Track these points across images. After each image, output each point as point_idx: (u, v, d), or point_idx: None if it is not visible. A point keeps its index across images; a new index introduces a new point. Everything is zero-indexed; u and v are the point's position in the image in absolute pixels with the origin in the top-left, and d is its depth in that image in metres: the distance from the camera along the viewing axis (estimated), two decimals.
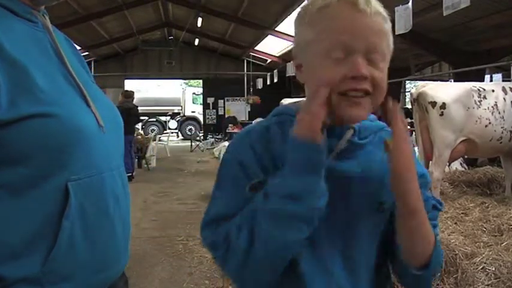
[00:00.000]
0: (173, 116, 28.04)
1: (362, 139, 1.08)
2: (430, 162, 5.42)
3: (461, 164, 7.22)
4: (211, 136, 21.51)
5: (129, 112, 10.14)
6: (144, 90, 26.65)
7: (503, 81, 15.74)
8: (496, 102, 5.40)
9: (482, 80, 10.54)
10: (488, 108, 5.34)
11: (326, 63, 0.98)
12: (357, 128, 1.07)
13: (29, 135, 1.07)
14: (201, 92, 25.56)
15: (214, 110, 23.47)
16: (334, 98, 0.97)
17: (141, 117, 24.44)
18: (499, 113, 5.36)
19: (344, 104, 0.97)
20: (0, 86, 1.04)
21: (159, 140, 16.73)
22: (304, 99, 1.07)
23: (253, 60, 21.43)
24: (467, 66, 9.10)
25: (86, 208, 1.15)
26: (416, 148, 6.02)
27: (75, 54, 1.40)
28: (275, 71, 18.53)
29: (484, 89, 5.49)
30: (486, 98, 5.39)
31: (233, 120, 20.43)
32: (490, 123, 5.32)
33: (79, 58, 1.42)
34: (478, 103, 5.34)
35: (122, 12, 16.02)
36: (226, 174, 1.10)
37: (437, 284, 2.91)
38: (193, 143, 19.33)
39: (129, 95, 11.14)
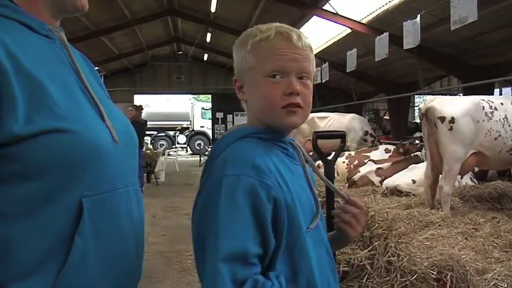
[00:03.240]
0: (182, 130, 28.15)
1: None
2: (440, 176, 5.39)
3: (471, 178, 7.17)
4: None
5: (143, 127, 10.26)
6: (153, 105, 26.82)
7: None
8: (505, 115, 5.39)
9: (492, 94, 10.51)
10: (499, 120, 5.32)
11: (268, 83, 1.24)
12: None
13: (45, 150, 1.07)
14: (210, 106, 25.67)
15: (223, 125, 23.55)
16: (277, 111, 1.24)
17: (150, 132, 24.65)
18: (510, 125, 5.34)
19: (285, 114, 1.24)
20: (18, 101, 1.05)
21: (168, 155, 16.77)
22: None
23: None
24: (476, 80, 9.08)
25: (99, 224, 1.15)
26: (425, 163, 5.99)
27: (91, 71, 1.41)
28: None
29: (493, 102, 5.48)
30: (497, 110, 5.37)
31: None
32: (500, 135, 5.29)
33: (94, 74, 1.43)
34: (487, 116, 5.32)
35: (131, 28, 16.22)
36: (247, 201, 1.14)
37: None
38: (202, 158, 19.35)
39: (140, 109, 11.23)
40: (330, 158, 2.04)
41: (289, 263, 1.18)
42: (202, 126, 27.05)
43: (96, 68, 19.49)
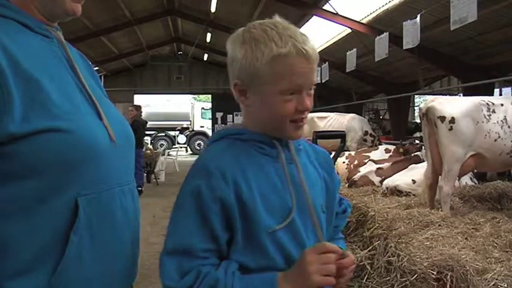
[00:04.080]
0: (182, 130, 28.15)
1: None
2: (440, 177, 5.39)
3: (471, 178, 7.17)
4: None
5: (143, 126, 10.31)
6: (153, 104, 26.83)
7: None
8: (505, 116, 5.38)
9: (492, 94, 10.50)
10: (497, 122, 5.32)
11: (282, 100, 1.25)
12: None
13: (41, 149, 1.07)
14: (210, 106, 25.68)
15: (223, 125, 23.56)
16: (287, 125, 1.28)
17: (150, 132, 24.62)
18: (509, 126, 5.33)
19: (293, 128, 1.30)
20: (15, 100, 1.05)
21: (168, 155, 16.75)
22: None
23: None
24: (476, 80, 9.07)
25: (94, 223, 1.15)
26: (425, 163, 5.99)
27: (89, 70, 1.41)
28: None
29: (493, 103, 5.47)
30: (495, 112, 5.37)
31: None
32: (499, 137, 5.29)
33: (92, 73, 1.43)
34: (487, 117, 5.32)
35: (131, 28, 16.21)
36: (192, 202, 1.22)
37: None
38: None
39: (140, 109, 11.26)
40: None
41: (250, 257, 1.23)
42: (202, 126, 27.06)
43: (96, 68, 19.48)
